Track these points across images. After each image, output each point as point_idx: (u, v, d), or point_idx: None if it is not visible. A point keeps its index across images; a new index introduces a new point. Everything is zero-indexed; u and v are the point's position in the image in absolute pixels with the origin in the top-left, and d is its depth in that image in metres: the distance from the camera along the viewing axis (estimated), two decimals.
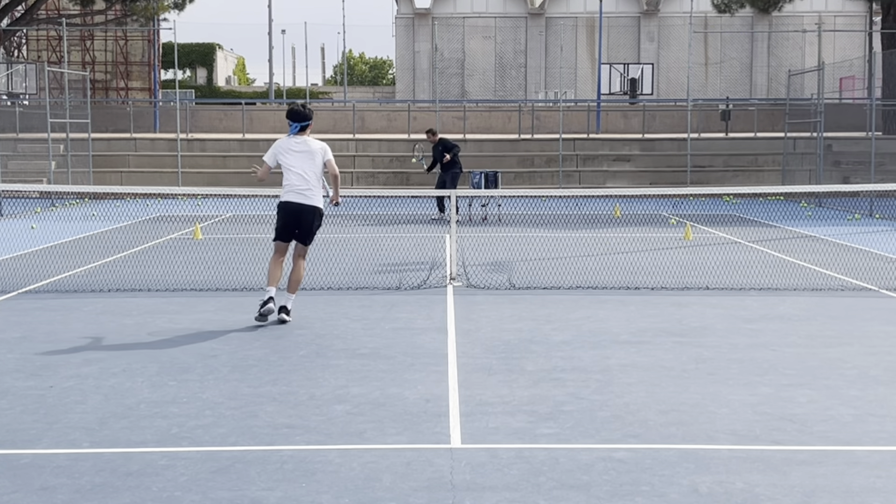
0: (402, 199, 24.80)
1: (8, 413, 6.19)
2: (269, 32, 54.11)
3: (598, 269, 12.33)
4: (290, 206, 9.21)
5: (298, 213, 9.18)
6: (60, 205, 23.58)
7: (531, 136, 31.07)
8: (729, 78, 49.00)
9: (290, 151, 9.23)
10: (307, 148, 9.25)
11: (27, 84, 35.84)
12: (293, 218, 9.21)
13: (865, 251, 14.64)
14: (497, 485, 4.94)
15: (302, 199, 9.17)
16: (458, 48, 49.36)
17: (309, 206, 9.19)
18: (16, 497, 4.78)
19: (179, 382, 6.91)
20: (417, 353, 7.85)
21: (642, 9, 49.09)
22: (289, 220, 9.23)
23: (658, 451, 5.45)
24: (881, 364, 7.50)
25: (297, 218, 9.20)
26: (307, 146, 9.26)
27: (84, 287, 11.18)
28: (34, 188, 15.84)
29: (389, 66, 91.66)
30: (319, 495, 4.80)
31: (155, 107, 36.97)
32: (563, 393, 6.62)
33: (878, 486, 4.93)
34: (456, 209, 19.08)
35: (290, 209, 9.21)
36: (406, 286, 11.16)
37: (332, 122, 35.51)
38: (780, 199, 25.05)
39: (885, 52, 30.04)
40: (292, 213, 9.20)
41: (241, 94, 60.17)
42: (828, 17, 47.13)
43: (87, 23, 41.12)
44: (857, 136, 28.74)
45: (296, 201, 9.18)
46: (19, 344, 8.19)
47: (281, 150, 9.30)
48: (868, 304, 10.18)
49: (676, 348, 8.01)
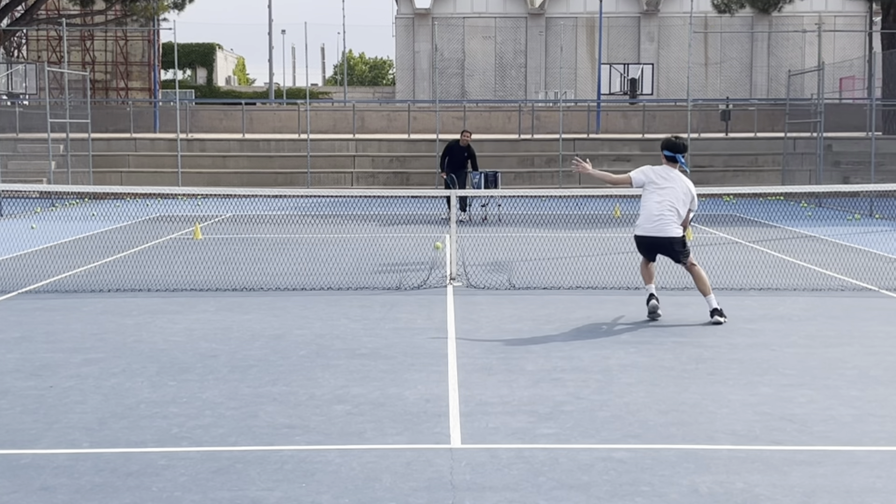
0: (402, 199, 24.80)
1: (8, 413, 6.19)
2: (269, 32, 54.16)
3: (598, 269, 12.32)
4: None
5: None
6: (60, 205, 23.58)
7: (531, 136, 31.08)
8: (729, 78, 48.99)
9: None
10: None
11: (27, 84, 35.84)
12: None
13: (865, 251, 14.64)
14: (497, 485, 4.94)
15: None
16: (458, 48, 49.35)
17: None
18: (16, 497, 4.77)
19: (179, 382, 6.91)
20: (417, 353, 7.85)
21: (642, 9, 49.08)
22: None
23: (658, 451, 5.45)
24: (881, 364, 7.50)
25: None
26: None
27: (84, 287, 11.18)
28: (34, 188, 15.87)
29: (389, 66, 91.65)
30: (319, 495, 4.80)
31: (155, 107, 36.98)
32: (563, 393, 6.62)
33: (878, 486, 4.93)
34: (463, 209, 19.19)
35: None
36: (406, 286, 11.16)
37: (332, 122, 35.52)
38: (780, 199, 25.05)
39: (885, 52, 30.04)
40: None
41: (241, 95, 60.16)
42: (828, 17, 47.12)
43: (87, 23, 41.12)
44: (857, 136, 28.74)
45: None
46: (19, 344, 8.19)
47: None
48: (868, 304, 10.18)
49: (676, 348, 8.01)
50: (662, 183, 9.10)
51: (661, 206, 9.05)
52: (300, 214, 21.33)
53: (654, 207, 9.08)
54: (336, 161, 29.38)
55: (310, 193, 23.29)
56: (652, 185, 9.14)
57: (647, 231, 9.15)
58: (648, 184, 9.16)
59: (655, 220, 9.06)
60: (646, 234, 9.18)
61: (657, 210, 9.05)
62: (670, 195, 9.06)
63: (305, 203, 24.84)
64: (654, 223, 9.08)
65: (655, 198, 9.09)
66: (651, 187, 9.13)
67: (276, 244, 15.51)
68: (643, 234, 9.22)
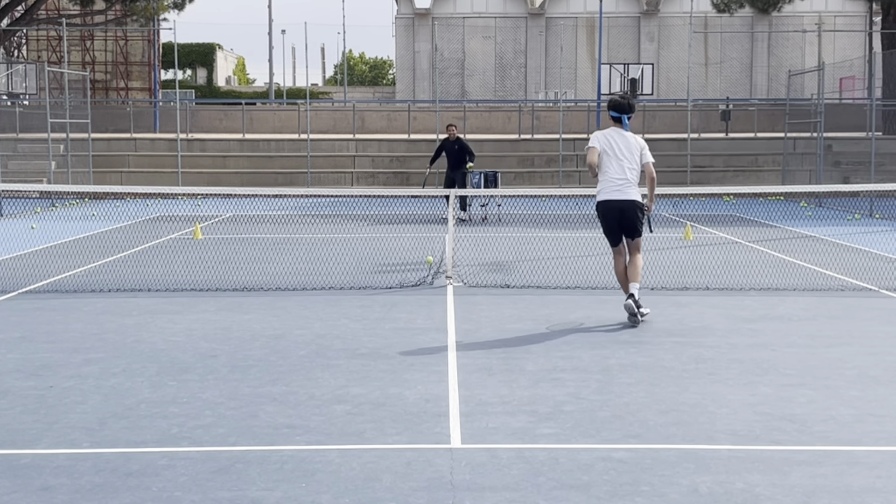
0: (402, 199, 24.80)
1: (8, 413, 6.19)
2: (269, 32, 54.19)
3: (598, 269, 12.32)
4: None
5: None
6: (60, 205, 23.59)
7: (531, 136, 31.08)
8: (729, 78, 49.00)
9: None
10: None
11: (27, 84, 35.81)
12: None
13: (865, 251, 14.64)
14: (497, 485, 4.94)
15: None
16: (458, 48, 49.36)
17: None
18: (16, 497, 4.77)
19: (179, 382, 6.91)
20: (417, 353, 7.85)
21: (642, 9, 49.08)
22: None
23: (658, 451, 5.45)
24: (881, 364, 7.50)
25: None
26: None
27: (84, 287, 11.18)
28: (34, 188, 15.86)
29: (389, 66, 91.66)
30: (319, 495, 4.80)
31: (155, 107, 36.98)
32: (563, 393, 6.62)
33: (878, 486, 4.93)
34: (463, 208, 19.18)
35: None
36: (406, 286, 11.16)
37: (332, 122, 35.52)
38: (780, 199, 25.05)
39: (885, 52, 30.04)
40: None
41: (241, 95, 60.17)
42: (828, 17, 47.12)
43: (87, 23, 41.12)
44: (857, 136, 28.74)
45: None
46: (19, 344, 8.19)
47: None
48: (868, 304, 10.18)
49: (676, 348, 8.01)
50: (617, 148, 8.97)
51: (621, 170, 8.90)
52: (300, 214, 21.34)
53: (614, 173, 8.92)
54: (336, 161, 29.38)
55: (310, 193, 23.28)
56: (607, 151, 8.97)
57: (612, 195, 8.93)
58: (603, 151, 9.00)
59: (619, 184, 8.90)
60: (611, 197, 8.94)
61: (619, 175, 8.90)
62: (628, 159, 8.94)
63: (305, 203, 24.84)
64: (618, 188, 8.91)
65: (614, 163, 8.93)
66: (606, 154, 8.97)
67: (276, 244, 15.51)
68: (608, 198, 8.95)
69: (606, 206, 9.00)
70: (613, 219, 9.02)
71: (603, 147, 8.99)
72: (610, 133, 9.07)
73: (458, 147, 19.56)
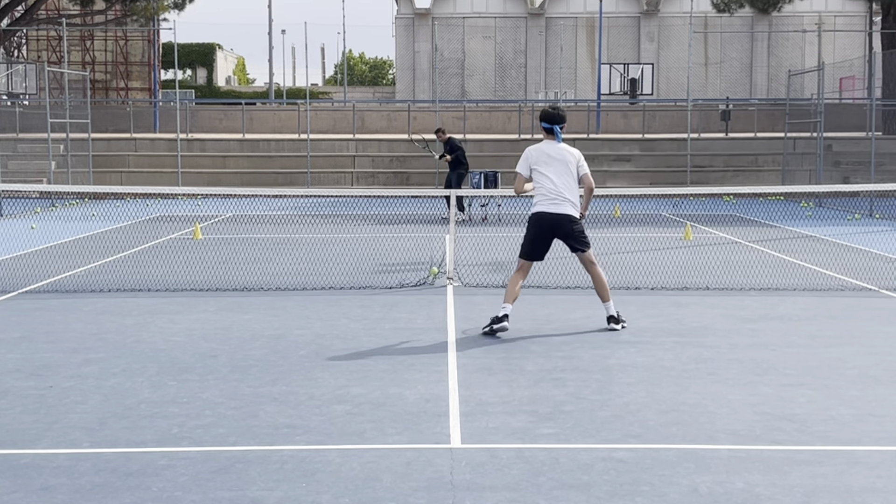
0: (402, 199, 24.80)
1: (8, 413, 6.19)
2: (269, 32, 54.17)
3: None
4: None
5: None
6: (60, 205, 23.58)
7: (531, 137, 31.06)
8: (729, 78, 49.00)
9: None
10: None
11: (27, 84, 35.85)
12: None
13: (865, 251, 14.64)
14: (497, 485, 4.94)
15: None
16: (458, 48, 49.36)
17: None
18: (16, 497, 4.78)
19: (179, 382, 6.91)
20: (417, 353, 7.85)
21: (642, 9, 49.08)
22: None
23: (658, 451, 5.45)
24: (881, 364, 7.50)
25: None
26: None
27: (84, 287, 11.18)
28: (34, 188, 15.86)
29: (389, 66, 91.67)
30: (319, 495, 4.80)
31: (155, 107, 36.98)
32: (563, 393, 6.62)
33: (878, 486, 4.93)
34: (461, 208, 19.18)
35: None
36: (406, 286, 11.16)
37: (332, 122, 35.52)
38: (780, 199, 25.05)
39: (885, 52, 30.04)
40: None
41: (241, 95, 60.18)
42: (828, 17, 47.13)
43: (87, 23, 41.13)
44: (857, 136, 28.74)
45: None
46: (19, 344, 8.19)
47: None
48: (868, 304, 10.18)
49: (676, 348, 8.01)
50: (550, 161, 8.74)
51: (556, 184, 8.69)
52: (300, 214, 21.34)
53: (550, 186, 8.69)
54: (336, 161, 29.38)
55: (310, 193, 23.29)
56: (540, 165, 8.75)
57: (548, 207, 8.69)
58: (535, 166, 8.77)
59: (554, 197, 8.67)
60: (546, 210, 8.68)
61: (554, 188, 8.68)
62: (563, 172, 8.73)
63: (305, 203, 24.84)
64: (553, 201, 8.68)
65: (550, 177, 8.70)
66: (541, 168, 8.75)
67: (276, 244, 15.51)
68: (544, 209, 8.70)
69: (540, 217, 8.74)
70: (546, 230, 8.76)
71: (537, 161, 8.78)
72: (543, 147, 8.85)
73: (449, 147, 19.70)
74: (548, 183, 8.70)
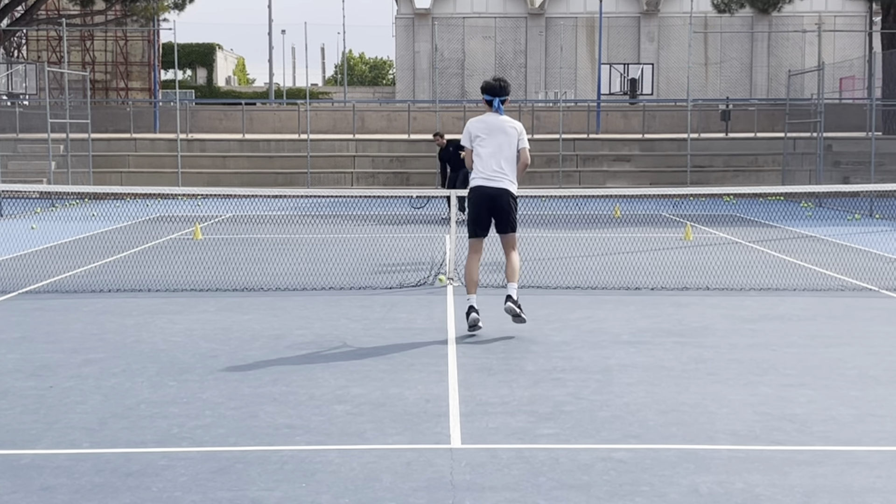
0: (403, 199, 24.80)
1: (8, 413, 6.18)
2: (269, 32, 54.17)
3: (598, 269, 12.33)
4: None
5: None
6: (60, 205, 23.58)
7: (531, 137, 30.98)
8: (729, 78, 49.01)
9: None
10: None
11: (27, 84, 35.84)
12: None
13: (865, 251, 14.64)
14: (497, 485, 4.94)
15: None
16: (458, 48, 49.37)
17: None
18: (16, 497, 4.78)
19: (179, 383, 6.91)
20: (417, 353, 7.85)
21: (642, 9, 49.09)
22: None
23: (658, 451, 5.45)
24: (881, 364, 7.50)
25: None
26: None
27: (84, 287, 11.18)
28: (34, 188, 15.89)
29: (389, 66, 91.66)
30: (319, 495, 4.80)
31: (155, 107, 36.98)
32: (563, 393, 6.62)
33: (878, 487, 4.93)
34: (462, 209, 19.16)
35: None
36: (406, 286, 11.16)
37: (332, 123, 35.53)
38: (780, 200, 25.05)
39: (885, 52, 30.04)
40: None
41: (241, 95, 60.18)
42: (828, 17, 47.13)
43: (87, 23, 41.13)
44: (857, 136, 28.75)
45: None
46: (19, 344, 8.19)
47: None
48: (868, 304, 10.18)
49: (676, 348, 8.01)
50: (490, 134, 8.61)
51: (496, 157, 8.56)
52: (300, 215, 21.34)
53: (490, 161, 8.57)
54: (336, 161, 29.38)
55: (310, 194, 23.30)
56: (480, 138, 8.63)
57: (485, 182, 8.58)
58: (476, 138, 8.66)
59: (494, 171, 8.57)
60: (483, 184, 8.57)
61: (494, 163, 8.57)
62: (504, 146, 8.59)
63: (305, 203, 24.85)
64: (491, 176, 8.57)
65: (488, 150, 8.58)
66: (482, 140, 8.62)
67: (276, 244, 15.51)
68: (481, 184, 8.53)
69: (478, 193, 8.62)
70: (483, 206, 8.61)
71: (477, 133, 8.64)
72: (485, 118, 8.70)
73: (454, 149, 19.68)
74: (486, 158, 8.56)
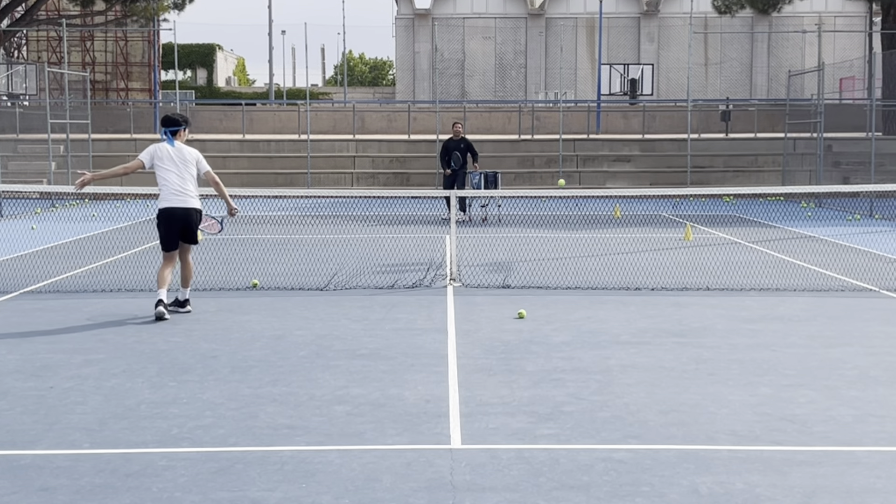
0: (402, 200, 24.80)
1: (8, 414, 6.19)
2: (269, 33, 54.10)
3: (598, 270, 12.33)
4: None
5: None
6: (60, 205, 23.58)
7: (531, 137, 31.08)
8: (729, 78, 49.01)
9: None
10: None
11: (27, 85, 35.82)
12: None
13: (865, 251, 14.64)
14: (497, 485, 4.94)
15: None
16: (458, 49, 49.36)
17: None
18: (16, 497, 4.78)
19: (179, 383, 6.91)
20: (417, 353, 7.85)
21: (642, 9, 49.09)
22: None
23: (658, 452, 5.45)
24: (881, 364, 7.50)
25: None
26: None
27: (84, 287, 11.18)
28: (34, 189, 15.88)
29: (389, 66, 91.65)
30: (319, 496, 4.80)
31: (155, 107, 36.98)
32: (564, 393, 6.62)
33: (878, 487, 4.93)
34: (463, 209, 19.19)
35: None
36: (406, 287, 11.17)
37: (332, 123, 35.52)
38: (780, 200, 25.05)
39: (885, 53, 30.03)
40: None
41: (241, 95, 60.15)
42: (828, 17, 47.12)
43: (87, 23, 41.13)
44: (857, 136, 28.73)
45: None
46: (19, 344, 8.19)
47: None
48: (868, 304, 10.18)
49: (676, 349, 8.01)
50: (169, 159, 9.50)
51: (180, 180, 9.44)
52: (300, 215, 21.34)
53: (175, 182, 9.46)
54: (336, 162, 29.38)
55: (310, 194, 23.27)
56: (163, 162, 9.51)
57: (174, 203, 9.46)
58: (158, 161, 9.54)
59: (180, 193, 9.46)
60: (173, 205, 9.46)
61: (179, 184, 9.46)
62: (184, 169, 9.53)
63: (305, 204, 24.85)
64: (179, 196, 9.46)
65: (172, 174, 9.47)
66: (164, 164, 9.50)
67: (276, 245, 15.51)
68: (170, 205, 9.45)
69: (168, 213, 9.53)
70: (175, 224, 9.49)
71: (156, 159, 9.57)
72: (161, 146, 9.65)
73: (465, 146, 19.52)
74: (173, 178, 9.52)
